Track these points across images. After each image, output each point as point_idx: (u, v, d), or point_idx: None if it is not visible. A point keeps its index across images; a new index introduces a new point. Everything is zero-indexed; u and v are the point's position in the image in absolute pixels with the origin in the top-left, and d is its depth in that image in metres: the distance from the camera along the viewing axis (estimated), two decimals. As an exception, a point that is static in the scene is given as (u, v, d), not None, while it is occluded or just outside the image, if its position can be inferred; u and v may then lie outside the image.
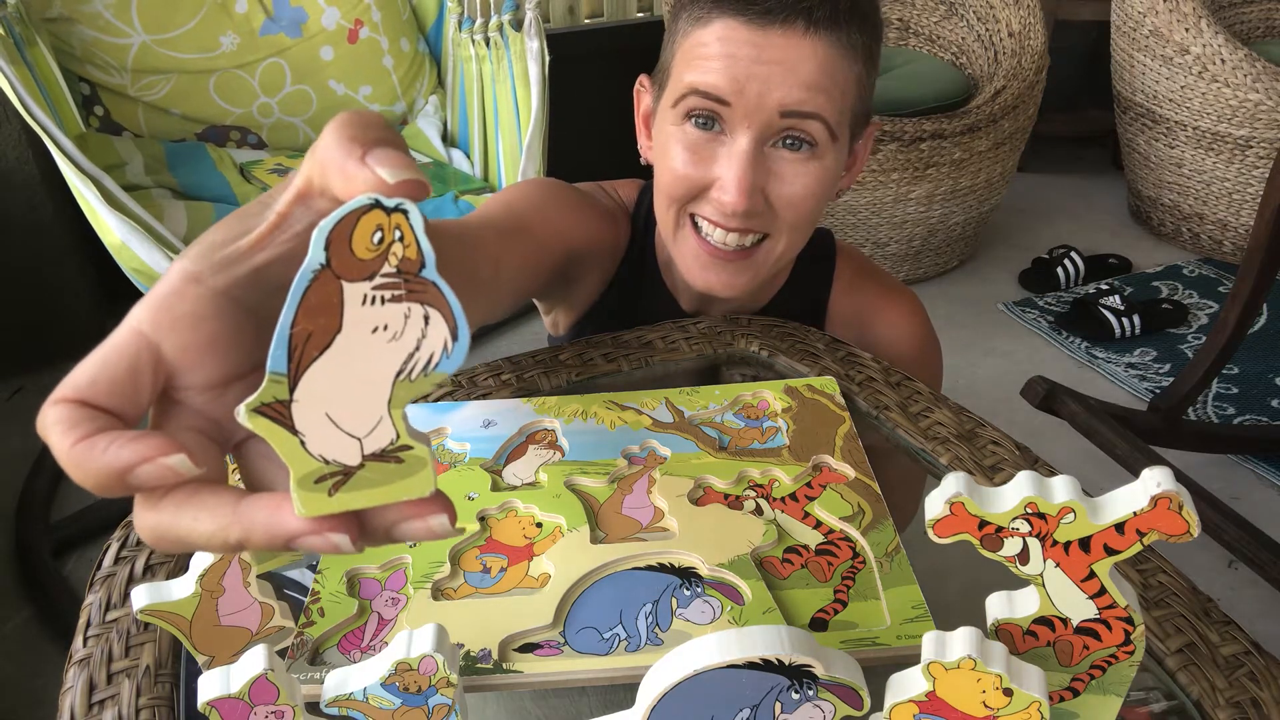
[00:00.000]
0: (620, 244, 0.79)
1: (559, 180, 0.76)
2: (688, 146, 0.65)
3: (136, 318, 0.26)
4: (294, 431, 0.24)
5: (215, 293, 0.26)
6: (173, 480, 0.24)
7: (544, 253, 0.68)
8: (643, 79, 0.73)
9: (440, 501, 0.26)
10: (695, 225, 0.68)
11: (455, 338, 0.24)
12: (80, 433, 0.24)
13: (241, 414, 0.24)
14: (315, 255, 0.23)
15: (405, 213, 0.23)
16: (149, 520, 0.25)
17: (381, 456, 0.25)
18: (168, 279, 0.26)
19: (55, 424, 0.24)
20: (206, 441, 0.27)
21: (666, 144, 0.66)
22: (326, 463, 0.25)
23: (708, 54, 0.62)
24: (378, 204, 0.23)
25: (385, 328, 0.24)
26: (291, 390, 0.24)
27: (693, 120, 0.64)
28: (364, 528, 0.26)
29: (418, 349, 0.24)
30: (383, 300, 0.23)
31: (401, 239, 0.23)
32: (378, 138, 0.25)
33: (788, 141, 0.63)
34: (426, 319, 0.24)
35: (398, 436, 0.25)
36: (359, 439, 0.25)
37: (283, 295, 0.23)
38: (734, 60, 0.61)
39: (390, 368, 0.24)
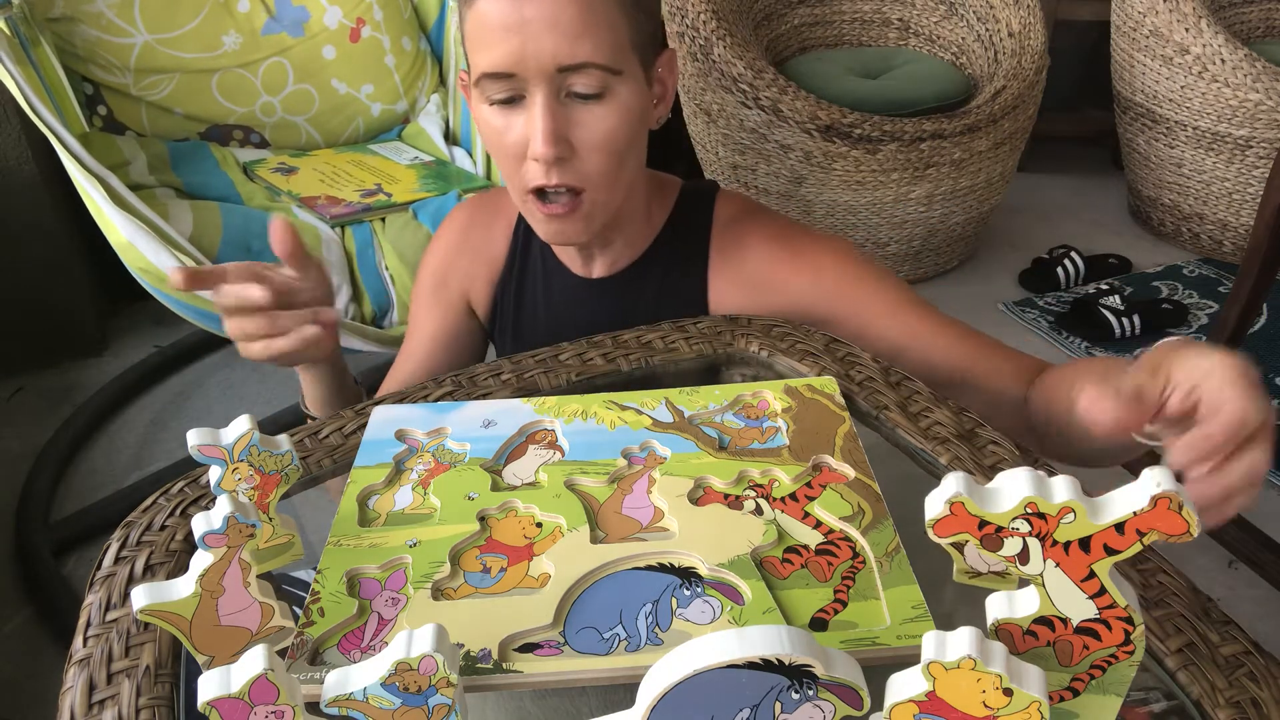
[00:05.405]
0: (500, 245, 0.85)
1: (437, 244, 0.87)
2: (499, 123, 0.67)
3: None
4: None
5: None
6: None
7: (463, 329, 0.86)
8: (461, 73, 0.75)
9: None
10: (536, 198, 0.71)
11: None
12: None
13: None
14: None
15: None
16: None
17: None
18: None
19: None
20: None
21: (484, 127, 0.69)
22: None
23: (483, 31, 0.64)
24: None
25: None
26: None
27: (494, 98, 0.66)
28: None
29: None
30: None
31: None
32: None
33: (577, 91, 0.65)
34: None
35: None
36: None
37: None
38: (506, 32, 0.62)
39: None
